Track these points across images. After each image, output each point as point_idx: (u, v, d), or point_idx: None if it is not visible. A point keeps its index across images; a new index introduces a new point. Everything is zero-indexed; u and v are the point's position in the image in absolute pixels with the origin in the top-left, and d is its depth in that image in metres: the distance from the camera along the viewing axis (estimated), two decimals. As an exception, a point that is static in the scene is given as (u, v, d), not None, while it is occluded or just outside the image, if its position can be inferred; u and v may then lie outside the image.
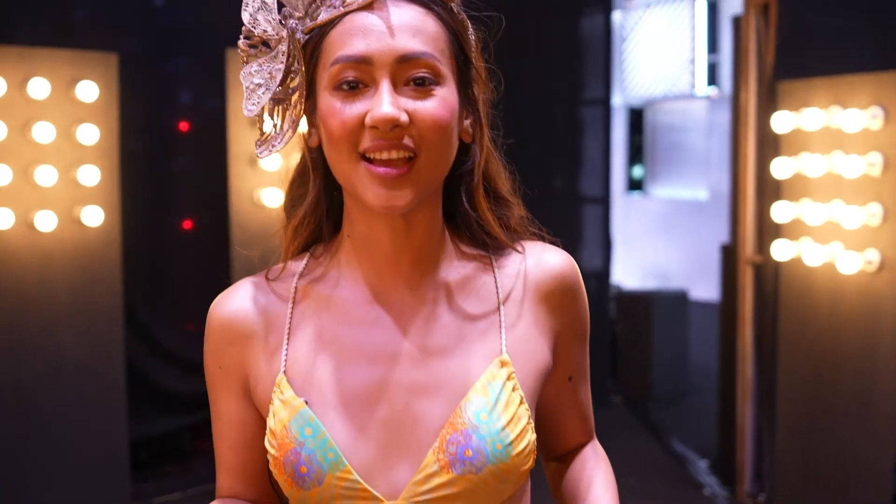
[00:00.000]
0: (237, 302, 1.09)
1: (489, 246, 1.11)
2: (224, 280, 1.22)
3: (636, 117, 10.19)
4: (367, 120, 0.97)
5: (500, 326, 1.07)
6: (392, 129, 0.97)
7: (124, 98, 3.53)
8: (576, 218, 5.72)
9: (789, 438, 3.58)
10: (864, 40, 3.53)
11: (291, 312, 1.08)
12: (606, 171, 5.82)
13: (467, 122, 1.07)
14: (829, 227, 3.35)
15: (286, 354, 1.06)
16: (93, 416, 3.49)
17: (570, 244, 1.15)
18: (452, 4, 1.05)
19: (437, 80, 1.00)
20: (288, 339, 1.07)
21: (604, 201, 5.79)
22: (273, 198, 3.76)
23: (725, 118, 8.16)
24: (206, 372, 1.11)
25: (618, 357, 5.80)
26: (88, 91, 3.39)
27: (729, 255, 4.25)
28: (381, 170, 0.98)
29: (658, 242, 9.62)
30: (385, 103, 0.97)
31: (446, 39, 1.03)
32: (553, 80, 5.56)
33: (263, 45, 1.03)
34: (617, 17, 9.47)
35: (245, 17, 1.03)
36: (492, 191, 1.12)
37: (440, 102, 1.00)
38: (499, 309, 1.08)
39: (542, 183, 5.44)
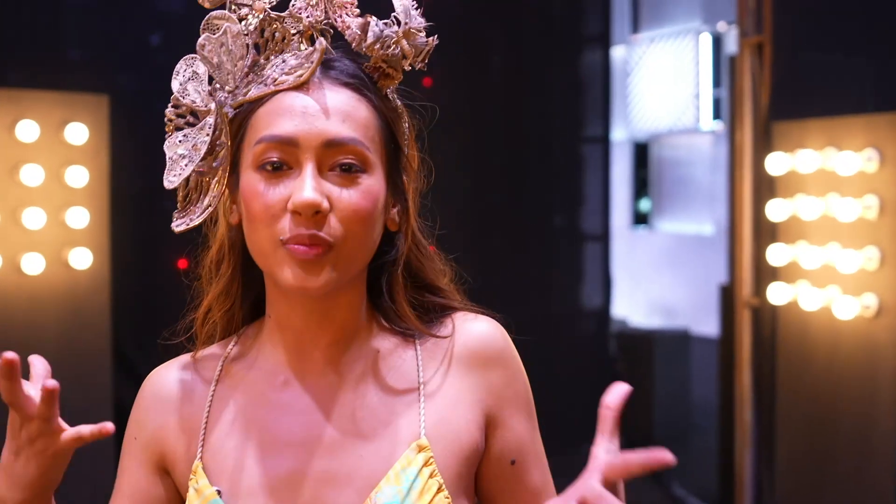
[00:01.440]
0: (166, 377, 1.08)
1: (410, 329, 1.07)
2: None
3: (641, 151, 10.17)
4: (289, 204, 0.95)
5: (420, 407, 1.02)
6: (313, 215, 0.95)
7: (115, 139, 3.52)
8: (576, 255, 5.68)
9: (788, 484, 3.51)
10: (860, 82, 3.49)
11: (212, 394, 1.05)
12: (606, 208, 5.78)
13: (394, 211, 1.04)
14: (825, 271, 3.29)
15: (203, 439, 1.03)
16: (81, 461, 3.44)
17: (570, 282, 1.11)
18: (387, 91, 1.03)
19: (363, 167, 0.98)
20: (206, 422, 1.04)
21: (604, 238, 5.75)
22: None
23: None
24: (124, 440, 1.10)
25: (619, 396, 5.72)
26: (78, 133, 3.38)
27: (727, 297, 4.20)
28: (300, 248, 0.95)
29: (663, 277, 9.57)
30: (308, 188, 0.95)
31: (377, 126, 1.00)
32: (553, 118, 5.55)
33: (191, 115, 1.01)
34: (621, 51, 9.49)
35: (175, 85, 1.02)
36: (420, 280, 1.08)
37: (364, 192, 0.97)
38: (419, 388, 1.03)
39: (543, 220, 5.41)
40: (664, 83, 9.54)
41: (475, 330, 1.07)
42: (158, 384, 1.08)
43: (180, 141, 1.01)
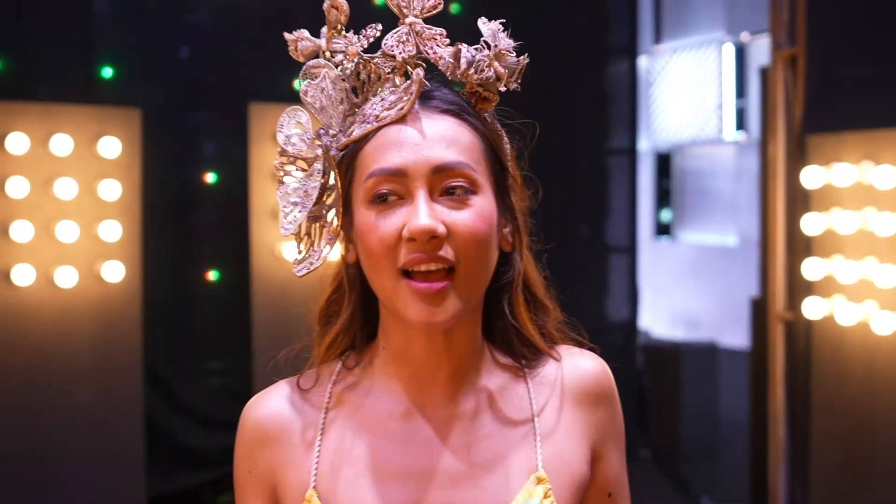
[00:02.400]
0: (270, 406, 1.07)
1: (522, 356, 1.08)
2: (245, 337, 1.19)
3: (664, 162, 10.13)
4: (405, 232, 0.96)
5: (535, 439, 1.03)
6: (430, 241, 0.95)
7: (147, 152, 3.53)
8: (602, 267, 5.65)
9: (823, 499, 3.46)
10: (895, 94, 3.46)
11: (323, 422, 1.05)
12: (633, 219, 5.76)
13: (506, 231, 1.05)
14: (862, 286, 3.26)
15: (316, 467, 1.02)
16: (111, 473, 3.45)
17: (596, 294, 1.11)
18: (486, 114, 1.04)
19: (473, 189, 0.98)
20: (319, 450, 1.03)
21: (630, 250, 5.72)
22: (294, 252, 3.73)
23: (754, 163, 8.08)
24: (235, 474, 1.08)
25: (645, 409, 5.69)
26: (111, 147, 3.39)
27: (759, 310, 4.15)
28: (422, 285, 0.96)
29: (687, 288, 9.51)
30: (422, 214, 0.95)
31: (481, 149, 1.01)
32: (579, 129, 5.53)
33: (299, 163, 1.04)
34: (644, 61, 9.46)
35: (280, 137, 1.04)
36: (530, 297, 1.09)
37: (477, 213, 0.98)
38: (533, 420, 1.05)
39: (568, 232, 5.39)
40: (687, 93, 9.50)
41: (586, 367, 1.09)
42: (263, 414, 1.06)
43: (292, 190, 1.03)
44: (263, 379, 3.82)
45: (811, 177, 3.42)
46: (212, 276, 3.92)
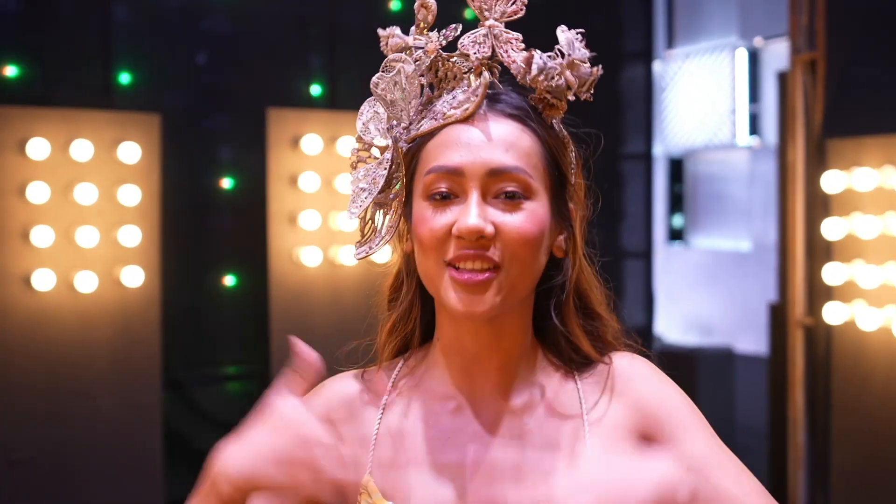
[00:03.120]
0: (342, 388, 1.12)
1: (570, 360, 1.09)
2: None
3: (676, 167, 10.11)
4: (454, 230, 0.99)
5: (585, 439, 1.04)
6: (477, 240, 0.98)
7: (166, 157, 3.54)
8: (617, 273, 5.64)
9: (844, 508, 3.45)
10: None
11: (381, 414, 1.08)
12: (648, 224, 5.74)
13: (561, 238, 1.07)
14: (883, 290, 3.24)
15: (373, 454, 1.06)
16: (130, 478, 3.45)
17: (611, 299, 1.12)
18: (553, 121, 1.06)
19: (526, 194, 1.01)
20: (376, 438, 1.07)
21: (646, 255, 5.70)
22: (312, 257, 3.74)
23: (768, 168, 8.06)
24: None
25: (661, 415, 5.66)
26: (131, 152, 3.40)
27: (777, 316, 4.14)
28: (465, 276, 0.99)
29: (700, 294, 9.48)
30: (472, 214, 0.98)
31: (541, 155, 1.04)
32: (593, 134, 5.52)
33: (372, 151, 1.07)
34: (656, 66, 9.45)
35: (358, 124, 1.08)
36: (582, 306, 1.10)
37: (528, 216, 1.00)
38: (583, 420, 1.06)
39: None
40: (700, 98, 9.48)
41: (635, 370, 1.10)
42: (334, 392, 1.11)
43: (362, 175, 1.07)
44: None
45: (831, 181, 3.41)
46: (228, 280, 3.92)
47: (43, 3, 3.53)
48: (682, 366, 5.64)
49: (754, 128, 9.19)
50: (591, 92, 1.05)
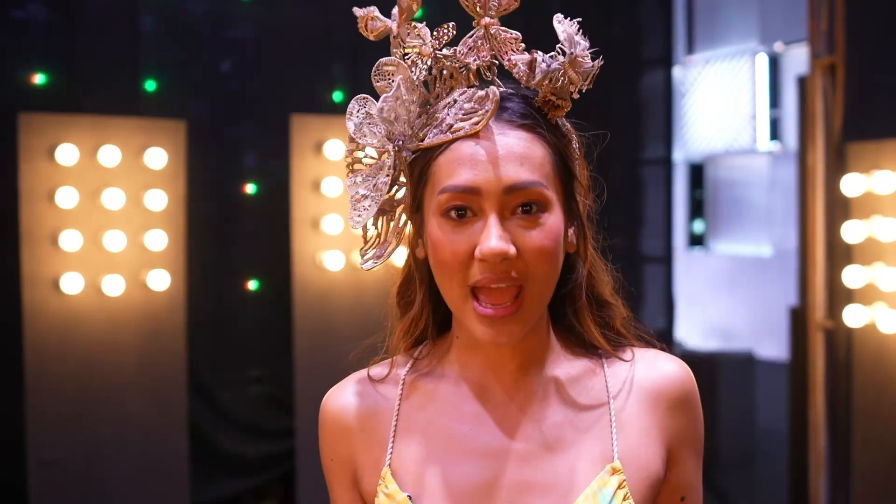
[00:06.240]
0: (345, 397, 1.11)
1: (589, 350, 1.10)
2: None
3: (696, 172, 10.10)
4: (477, 253, 0.98)
5: (612, 430, 1.04)
6: (501, 262, 0.97)
7: (191, 163, 3.60)
8: (637, 277, 5.64)
9: (866, 511, 3.44)
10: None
11: (398, 407, 1.08)
12: (668, 229, 5.75)
13: (570, 233, 1.06)
14: (904, 293, 3.25)
15: (392, 448, 1.06)
16: (157, 479, 3.50)
17: (631, 304, 1.13)
18: (558, 120, 1.04)
19: (544, 207, 1.00)
20: (394, 433, 1.07)
21: (666, 261, 5.71)
22: (335, 261, 3.78)
23: (788, 173, 8.03)
24: (322, 463, 1.13)
25: (682, 419, 5.65)
26: (157, 158, 3.46)
27: (798, 319, 4.14)
28: (489, 311, 0.98)
29: (721, 299, 9.45)
30: (493, 237, 0.97)
31: (552, 162, 1.02)
32: (614, 140, 5.54)
33: (368, 151, 1.04)
34: (676, 72, 9.44)
35: (350, 126, 1.04)
36: (594, 297, 1.11)
37: (547, 231, 1.00)
38: (609, 411, 1.05)
39: (603, 242, 5.39)
40: (720, 104, 9.47)
41: (668, 370, 1.09)
42: (340, 403, 1.10)
43: (360, 181, 1.04)
44: (305, 386, 3.87)
45: (851, 184, 3.42)
46: (252, 284, 3.97)
47: (72, 12, 3.60)
48: (703, 371, 5.63)
49: (774, 133, 9.16)
50: (592, 83, 1.03)
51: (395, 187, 1.04)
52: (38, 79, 3.52)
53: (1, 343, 3.42)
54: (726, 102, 9.44)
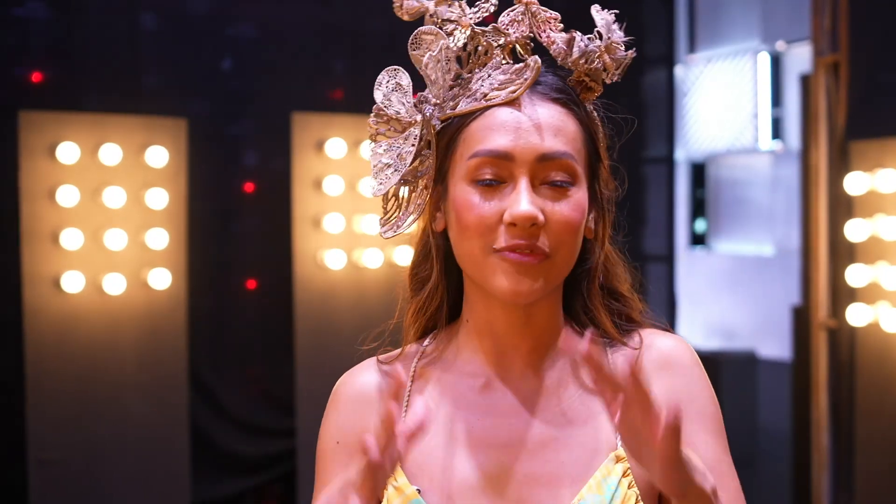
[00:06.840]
0: (361, 381, 1.09)
1: (605, 337, 1.09)
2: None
3: (698, 171, 10.08)
4: (506, 217, 0.97)
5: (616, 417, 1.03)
6: (529, 227, 0.97)
7: (192, 161, 3.59)
8: (640, 276, 5.64)
9: (869, 511, 3.43)
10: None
11: (409, 393, 1.07)
12: (670, 228, 5.74)
13: (590, 218, 1.06)
14: (907, 292, 3.23)
15: (401, 441, 1.03)
16: (157, 479, 3.49)
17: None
18: (588, 104, 1.05)
19: (572, 180, 1.00)
20: (404, 420, 1.03)
21: (668, 260, 5.70)
22: (336, 260, 3.77)
23: (791, 173, 8.02)
24: (320, 449, 1.10)
25: (684, 419, 5.64)
26: (158, 156, 3.45)
27: (801, 318, 4.13)
28: (514, 255, 0.97)
29: (723, 299, 9.44)
30: (524, 201, 0.97)
31: (583, 139, 1.03)
32: (616, 138, 5.54)
33: (393, 124, 1.03)
34: (678, 71, 9.43)
35: (378, 96, 1.03)
36: (607, 287, 1.10)
37: (574, 204, 1.00)
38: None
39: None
40: (722, 103, 9.46)
41: (663, 345, 1.08)
42: (354, 387, 1.09)
43: (384, 150, 1.03)
44: (306, 386, 3.85)
45: (855, 183, 3.41)
46: (253, 283, 3.97)
47: (73, 10, 3.59)
48: (706, 370, 5.62)
49: (777, 132, 9.15)
50: (623, 74, 1.04)
51: (420, 158, 1.04)
52: (40, 77, 3.51)
53: (1, 342, 3.41)
54: (728, 101, 9.42)
